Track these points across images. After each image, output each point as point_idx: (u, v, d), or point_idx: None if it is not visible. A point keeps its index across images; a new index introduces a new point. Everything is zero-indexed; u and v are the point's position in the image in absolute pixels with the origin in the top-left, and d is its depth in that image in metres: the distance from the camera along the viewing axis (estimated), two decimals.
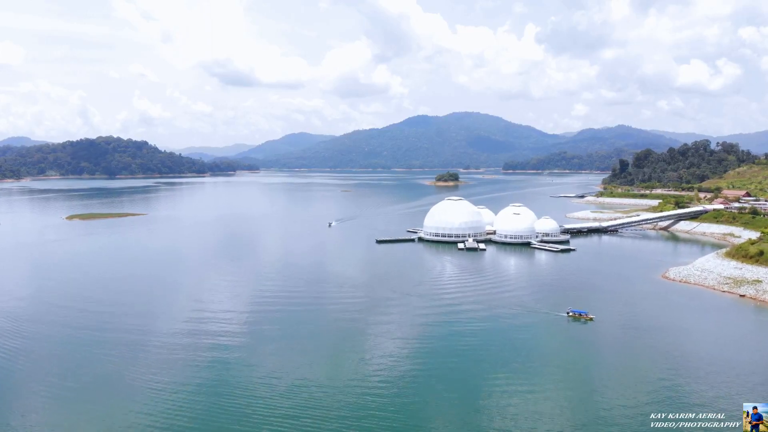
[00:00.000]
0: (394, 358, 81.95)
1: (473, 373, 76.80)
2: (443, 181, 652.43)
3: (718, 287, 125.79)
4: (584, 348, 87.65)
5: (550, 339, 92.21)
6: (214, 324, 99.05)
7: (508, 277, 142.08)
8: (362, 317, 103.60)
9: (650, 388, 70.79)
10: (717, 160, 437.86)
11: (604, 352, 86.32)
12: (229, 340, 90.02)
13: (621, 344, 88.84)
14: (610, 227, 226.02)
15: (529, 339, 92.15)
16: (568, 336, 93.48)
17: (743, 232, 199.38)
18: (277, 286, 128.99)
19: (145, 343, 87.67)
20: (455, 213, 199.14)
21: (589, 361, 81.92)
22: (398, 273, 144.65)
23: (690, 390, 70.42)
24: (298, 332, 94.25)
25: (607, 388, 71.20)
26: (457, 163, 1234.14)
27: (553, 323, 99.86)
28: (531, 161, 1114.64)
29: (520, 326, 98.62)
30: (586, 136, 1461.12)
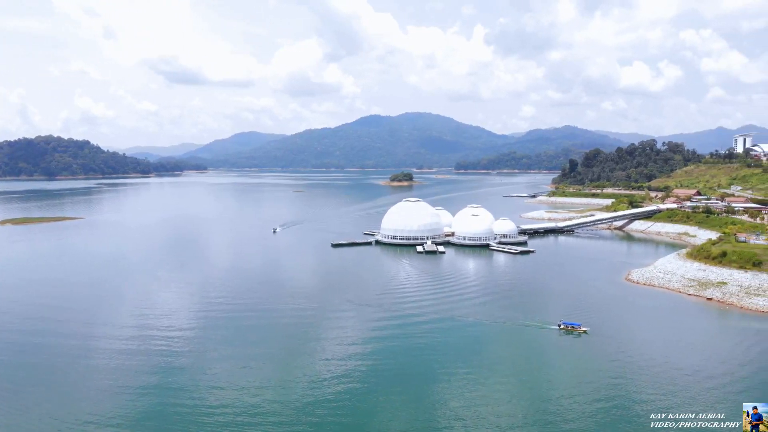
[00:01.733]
0: (347, 375, 75.70)
1: (432, 390, 71.29)
2: (398, 181, 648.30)
3: (684, 290, 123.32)
4: (555, 356, 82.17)
5: (527, 350, 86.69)
6: (156, 331, 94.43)
7: (470, 282, 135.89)
8: (314, 329, 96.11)
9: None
10: (663, 159, 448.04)
11: (578, 359, 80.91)
12: (174, 350, 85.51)
13: (596, 353, 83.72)
14: (566, 227, 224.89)
15: (494, 351, 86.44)
16: (558, 347, 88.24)
17: (698, 231, 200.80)
18: (225, 296, 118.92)
19: (88, 349, 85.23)
20: (413, 215, 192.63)
21: (574, 370, 76.29)
22: (355, 279, 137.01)
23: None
24: (245, 340, 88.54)
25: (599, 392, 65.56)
26: (410, 163, 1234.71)
27: (528, 333, 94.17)
28: (482, 161, 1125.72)
29: (485, 338, 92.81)
30: (533, 136, 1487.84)
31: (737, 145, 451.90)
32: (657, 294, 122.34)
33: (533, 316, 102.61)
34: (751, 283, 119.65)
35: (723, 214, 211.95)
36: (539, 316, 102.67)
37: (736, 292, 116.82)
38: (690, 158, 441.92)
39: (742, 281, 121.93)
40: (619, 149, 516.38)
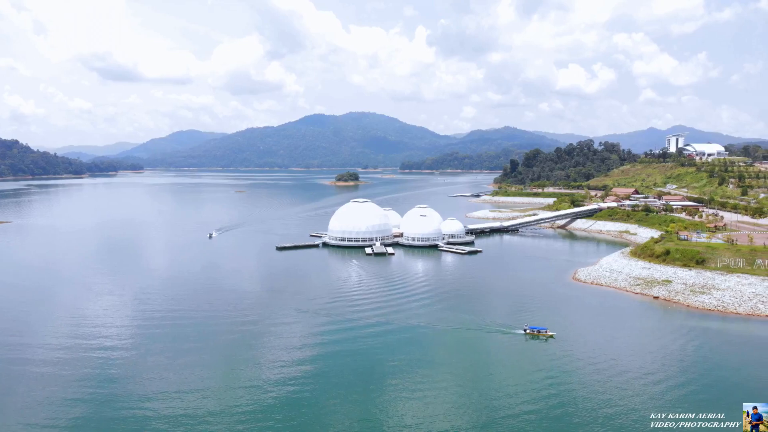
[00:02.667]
0: (291, 383, 72.68)
1: (383, 400, 68.10)
2: (343, 181, 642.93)
3: (631, 289, 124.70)
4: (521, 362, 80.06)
5: (494, 357, 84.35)
6: (89, 341, 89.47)
7: (422, 285, 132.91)
8: (257, 339, 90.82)
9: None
10: (600, 159, 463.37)
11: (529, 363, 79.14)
12: (108, 360, 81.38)
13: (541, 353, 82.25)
14: (511, 227, 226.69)
15: (458, 359, 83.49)
16: (525, 353, 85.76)
17: (638, 230, 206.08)
18: (161, 304, 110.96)
19: (14, 360, 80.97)
20: (362, 216, 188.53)
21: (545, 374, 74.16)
22: (302, 283, 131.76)
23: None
24: (181, 351, 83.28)
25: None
26: (355, 163, 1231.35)
27: (493, 339, 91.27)
28: (426, 161, 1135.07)
29: (446, 346, 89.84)
30: (475, 137, 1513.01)
31: (670, 144, 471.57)
32: (606, 293, 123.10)
33: (495, 320, 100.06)
34: (695, 281, 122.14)
35: (662, 212, 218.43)
36: (498, 319, 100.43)
37: (681, 290, 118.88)
38: (626, 158, 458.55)
39: (686, 279, 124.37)
40: (558, 149, 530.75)
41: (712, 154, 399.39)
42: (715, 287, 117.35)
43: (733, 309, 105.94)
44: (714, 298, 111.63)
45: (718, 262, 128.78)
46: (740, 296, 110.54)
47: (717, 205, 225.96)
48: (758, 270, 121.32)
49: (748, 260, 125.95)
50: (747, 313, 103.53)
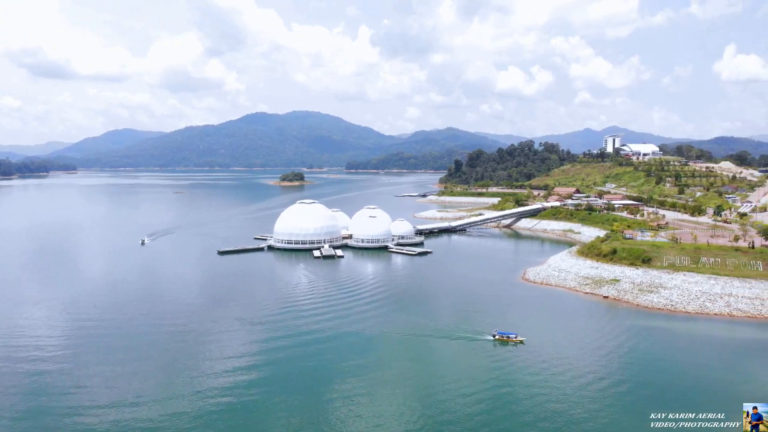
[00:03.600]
0: (233, 391, 69.32)
1: (328, 407, 64.17)
2: (288, 180, 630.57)
3: (580, 289, 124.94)
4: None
5: (465, 364, 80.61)
6: (20, 352, 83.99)
7: (372, 287, 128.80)
8: (196, 351, 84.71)
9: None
10: (541, 159, 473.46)
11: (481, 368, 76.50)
12: (39, 371, 76.55)
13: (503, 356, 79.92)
14: (459, 227, 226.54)
15: (428, 368, 79.26)
16: (495, 360, 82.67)
17: (582, 228, 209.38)
18: (93, 314, 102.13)
19: None
20: (309, 217, 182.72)
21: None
22: (245, 290, 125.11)
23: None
24: (113, 363, 76.51)
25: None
26: (300, 163, 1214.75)
27: (460, 346, 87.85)
28: (372, 161, 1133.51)
29: (414, 354, 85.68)
30: (419, 137, 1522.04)
31: (607, 145, 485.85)
32: (557, 293, 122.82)
33: (460, 326, 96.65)
34: (642, 280, 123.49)
35: (604, 211, 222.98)
36: (456, 324, 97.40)
37: (629, 289, 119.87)
38: (565, 158, 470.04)
39: (633, 278, 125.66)
40: (500, 150, 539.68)
41: (648, 153, 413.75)
42: (663, 286, 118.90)
43: (682, 308, 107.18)
44: (662, 297, 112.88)
45: (664, 261, 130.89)
46: (688, 295, 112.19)
47: (656, 204, 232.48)
48: (703, 268, 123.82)
49: (692, 258, 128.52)
50: (696, 312, 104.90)
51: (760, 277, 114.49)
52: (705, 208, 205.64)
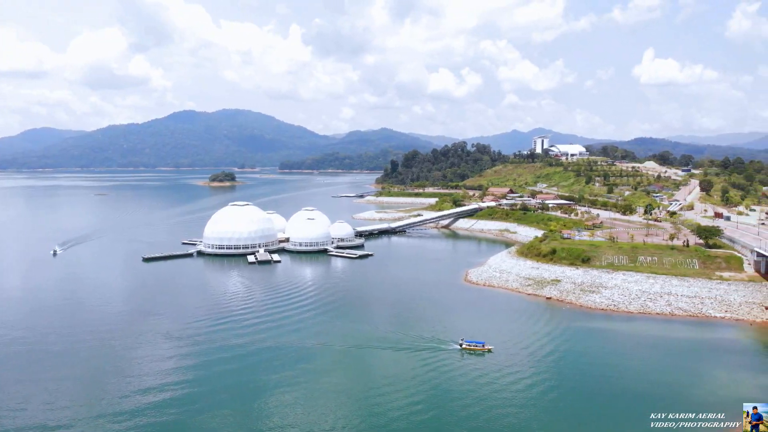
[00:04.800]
0: (160, 408, 64.19)
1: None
2: (218, 181, 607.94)
3: (523, 290, 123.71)
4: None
5: (435, 378, 74.93)
6: None
7: (310, 294, 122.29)
8: (121, 365, 77.07)
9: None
10: (473, 159, 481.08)
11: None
12: None
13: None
14: (399, 228, 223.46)
15: (394, 383, 73.91)
16: (464, 371, 77.47)
17: (518, 228, 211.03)
18: (3, 332, 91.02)
19: None
20: (242, 220, 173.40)
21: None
22: (173, 301, 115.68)
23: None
24: (33, 384, 64.97)
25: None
26: (231, 162, 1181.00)
27: (424, 357, 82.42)
28: (306, 161, 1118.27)
29: (376, 367, 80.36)
30: (354, 138, 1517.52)
31: (536, 146, 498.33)
32: (500, 295, 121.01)
33: (421, 334, 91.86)
34: (583, 280, 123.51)
35: (538, 210, 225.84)
36: (412, 332, 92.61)
37: (571, 289, 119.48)
38: (496, 158, 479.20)
39: (574, 278, 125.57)
40: (435, 150, 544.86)
41: (575, 154, 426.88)
42: (603, 285, 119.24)
43: (624, 308, 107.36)
44: (604, 297, 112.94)
45: (602, 260, 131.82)
46: (628, 294, 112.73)
47: (588, 203, 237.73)
48: (641, 267, 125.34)
49: (630, 258, 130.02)
50: (639, 312, 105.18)
51: (697, 276, 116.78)
52: (635, 207, 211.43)
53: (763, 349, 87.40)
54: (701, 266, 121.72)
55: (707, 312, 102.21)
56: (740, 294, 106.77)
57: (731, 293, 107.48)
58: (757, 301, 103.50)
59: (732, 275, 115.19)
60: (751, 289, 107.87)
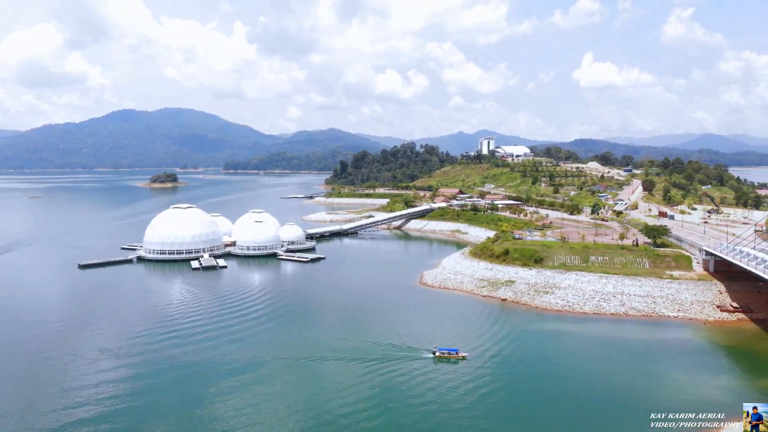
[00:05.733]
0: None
1: None
2: (160, 182, 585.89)
3: (478, 291, 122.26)
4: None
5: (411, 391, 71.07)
6: None
7: (260, 301, 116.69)
8: (53, 384, 69.66)
9: None
10: (422, 160, 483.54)
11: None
12: None
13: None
14: (350, 229, 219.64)
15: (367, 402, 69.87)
16: (439, 380, 73.75)
17: (469, 229, 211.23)
18: None
19: None
20: (185, 223, 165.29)
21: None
22: (112, 311, 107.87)
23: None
24: None
25: None
26: (173, 163, 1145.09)
27: (396, 367, 78.25)
28: (252, 161, 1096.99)
29: (339, 384, 75.37)
30: (301, 138, 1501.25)
31: (482, 147, 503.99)
32: (456, 297, 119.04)
33: (377, 341, 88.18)
34: (537, 281, 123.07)
35: (488, 210, 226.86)
36: (380, 340, 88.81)
37: (525, 290, 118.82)
38: (445, 159, 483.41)
39: (528, 279, 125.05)
40: (384, 151, 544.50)
41: (520, 155, 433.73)
42: (557, 286, 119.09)
43: (579, 308, 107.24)
44: (559, 298, 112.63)
45: (555, 261, 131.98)
46: (582, 294, 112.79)
47: (535, 203, 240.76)
48: (593, 267, 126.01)
49: (582, 258, 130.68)
50: (593, 312, 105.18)
51: (648, 275, 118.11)
52: (582, 207, 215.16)
53: (718, 349, 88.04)
54: (651, 265, 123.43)
55: (660, 311, 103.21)
56: (691, 293, 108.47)
57: (682, 292, 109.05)
58: (708, 300, 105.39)
59: (682, 274, 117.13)
60: (701, 288, 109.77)
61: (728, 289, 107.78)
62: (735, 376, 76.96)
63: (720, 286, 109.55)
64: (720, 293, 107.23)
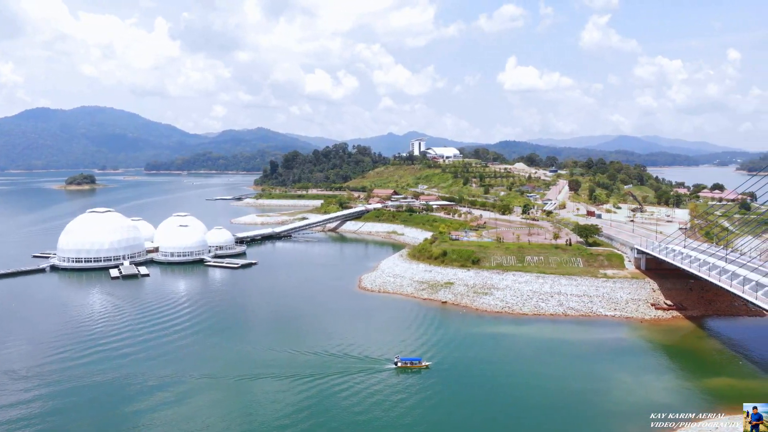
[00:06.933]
0: None
1: None
2: (77, 184, 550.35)
3: (418, 294, 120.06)
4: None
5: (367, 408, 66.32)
6: None
7: (187, 312, 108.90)
8: None
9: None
10: (355, 161, 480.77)
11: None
12: None
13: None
14: (284, 232, 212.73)
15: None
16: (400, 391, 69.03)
17: (405, 230, 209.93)
18: None
19: None
20: (103, 229, 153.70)
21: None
22: (20, 328, 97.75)
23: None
24: None
25: None
26: (91, 163, 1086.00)
27: (356, 382, 73.50)
28: (176, 161, 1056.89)
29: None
30: (228, 137, 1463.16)
31: (414, 148, 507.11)
32: (397, 301, 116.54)
33: (324, 349, 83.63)
34: (475, 282, 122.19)
35: (423, 211, 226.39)
36: (305, 347, 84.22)
37: (465, 292, 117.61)
38: (377, 160, 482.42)
39: (466, 280, 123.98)
40: (316, 152, 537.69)
41: (450, 156, 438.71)
42: (495, 287, 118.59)
43: (518, 309, 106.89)
44: (497, 299, 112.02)
45: (492, 261, 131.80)
46: (521, 295, 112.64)
47: (467, 204, 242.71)
48: (529, 267, 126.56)
49: (518, 258, 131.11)
50: (533, 313, 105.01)
51: (583, 274, 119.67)
52: (512, 207, 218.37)
53: (658, 348, 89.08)
54: (585, 264, 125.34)
55: (598, 311, 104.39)
56: (626, 291, 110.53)
57: (617, 291, 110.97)
58: (642, 298, 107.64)
59: (615, 273, 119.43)
60: (635, 286, 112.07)
61: (661, 287, 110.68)
62: (678, 376, 77.72)
63: (653, 284, 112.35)
64: (653, 291, 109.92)
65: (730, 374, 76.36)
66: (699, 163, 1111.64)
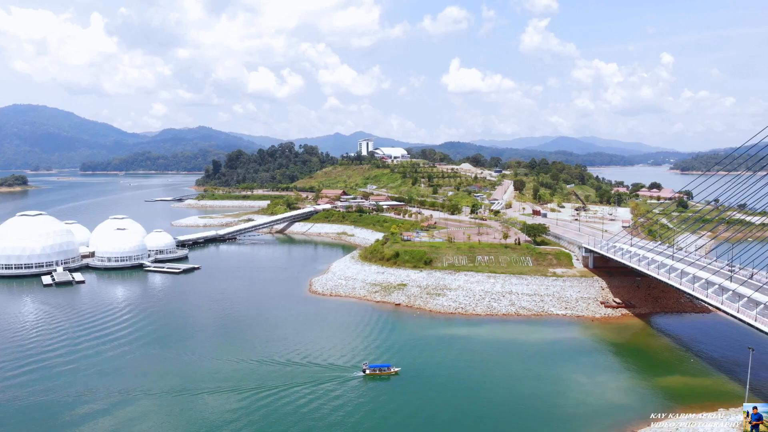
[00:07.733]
0: None
1: None
2: (7, 186, 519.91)
3: (371, 297, 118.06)
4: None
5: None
6: None
7: (126, 321, 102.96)
8: None
9: None
10: (302, 161, 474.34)
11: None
12: None
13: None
14: (228, 235, 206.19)
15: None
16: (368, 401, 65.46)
17: (355, 230, 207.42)
18: None
19: None
20: (35, 233, 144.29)
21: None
22: None
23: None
24: None
25: None
26: (22, 164, 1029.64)
27: (325, 392, 70.58)
28: (113, 161, 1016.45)
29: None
30: (168, 136, 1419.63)
31: (361, 148, 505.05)
32: (349, 305, 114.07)
33: (283, 357, 79.93)
34: (428, 283, 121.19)
35: (373, 212, 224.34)
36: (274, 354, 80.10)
37: (418, 294, 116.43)
38: (325, 160, 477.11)
39: (419, 281, 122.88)
40: (261, 151, 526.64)
41: (398, 157, 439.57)
42: (448, 287, 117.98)
43: (471, 310, 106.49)
44: (451, 300, 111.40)
45: (444, 262, 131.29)
46: (473, 295, 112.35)
47: (417, 204, 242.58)
48: (480, 266, 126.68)
49: (469, 257, 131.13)
50: (486, 314, 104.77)
51: (533, 273, 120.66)
52: (461, 207, 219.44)
53: (610, 347, 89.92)
54: (535, 263, 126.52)
55: (549, 310, 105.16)
56: (575, 290, 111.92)
57: (567, 289, 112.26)
58: (592, 297, 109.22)
59: (564, 271, 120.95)
60: (584, 285, 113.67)
61: (609, 285, 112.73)
62: (632, 375, 78.37)
63: (601, 282, 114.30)
64: (602, 289, 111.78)
65: (683, 372, 77.62)
66: (634, 162, 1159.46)
